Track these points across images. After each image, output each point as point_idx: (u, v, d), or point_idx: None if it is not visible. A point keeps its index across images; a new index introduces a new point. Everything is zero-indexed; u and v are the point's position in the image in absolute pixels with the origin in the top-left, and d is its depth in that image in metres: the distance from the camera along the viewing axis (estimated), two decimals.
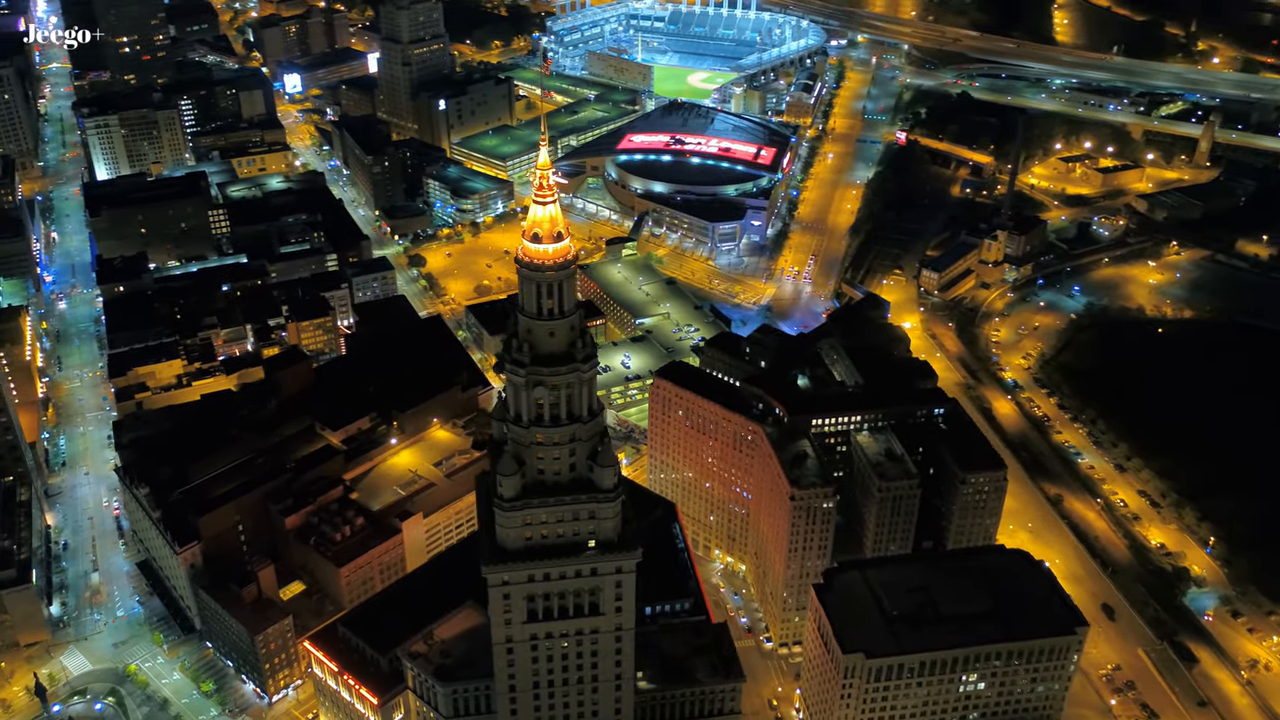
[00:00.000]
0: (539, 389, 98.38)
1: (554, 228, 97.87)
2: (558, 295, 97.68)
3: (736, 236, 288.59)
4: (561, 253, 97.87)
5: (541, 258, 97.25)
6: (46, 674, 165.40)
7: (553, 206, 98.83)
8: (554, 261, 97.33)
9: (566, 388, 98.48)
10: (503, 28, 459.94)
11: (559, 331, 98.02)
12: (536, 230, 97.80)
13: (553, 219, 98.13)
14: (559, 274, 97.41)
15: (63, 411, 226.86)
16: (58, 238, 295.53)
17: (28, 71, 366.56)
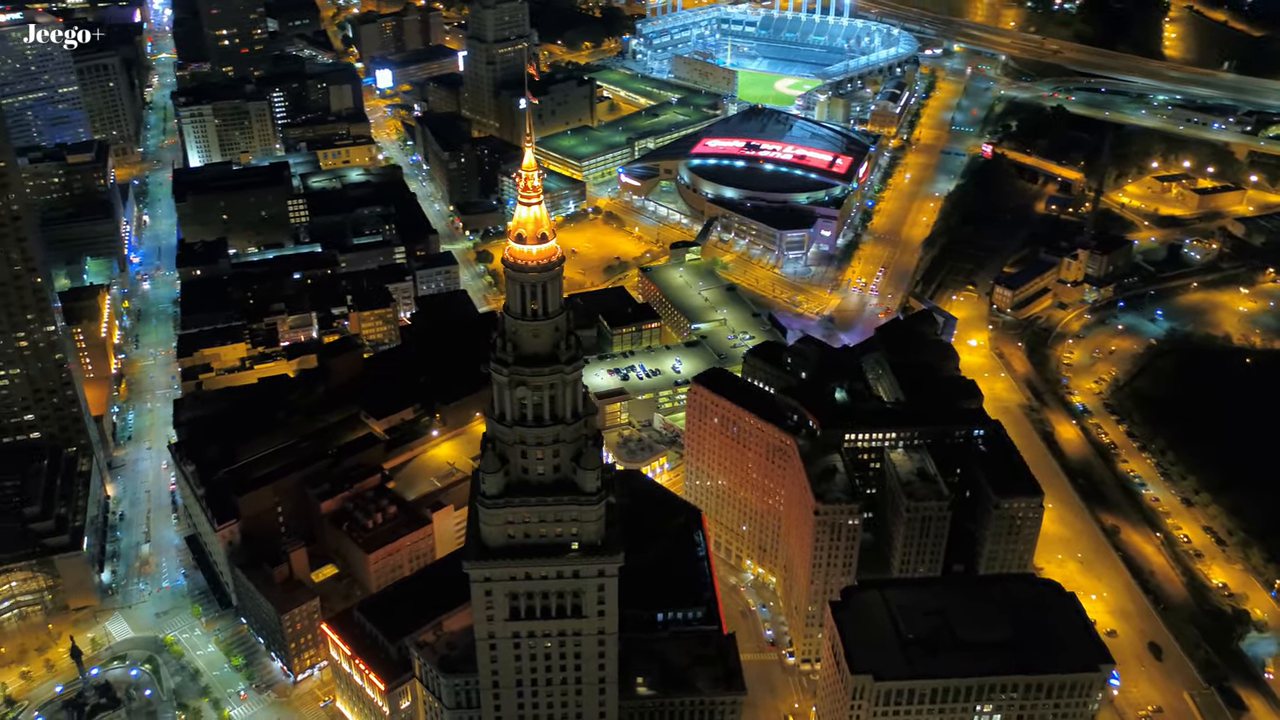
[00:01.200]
0: (521, 389, 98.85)
1: (538, 229, 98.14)
2: (542, 296, 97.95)
3: (805, 245, 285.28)
4: (545, 254, 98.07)
5: (525, 258, 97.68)
6: (90, 638, 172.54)
7: (537, 208, 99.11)
8: (537, 263, 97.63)
9: (550, 389, 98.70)
10: (594, 29, 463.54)
11: (543, 332, 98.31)
12: (520, 231, 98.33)
13: (537, 220, 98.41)
14: (542, 275, 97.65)
15: (134, 387, 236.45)
16: (149, 221, 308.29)
17: (136, 61, 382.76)
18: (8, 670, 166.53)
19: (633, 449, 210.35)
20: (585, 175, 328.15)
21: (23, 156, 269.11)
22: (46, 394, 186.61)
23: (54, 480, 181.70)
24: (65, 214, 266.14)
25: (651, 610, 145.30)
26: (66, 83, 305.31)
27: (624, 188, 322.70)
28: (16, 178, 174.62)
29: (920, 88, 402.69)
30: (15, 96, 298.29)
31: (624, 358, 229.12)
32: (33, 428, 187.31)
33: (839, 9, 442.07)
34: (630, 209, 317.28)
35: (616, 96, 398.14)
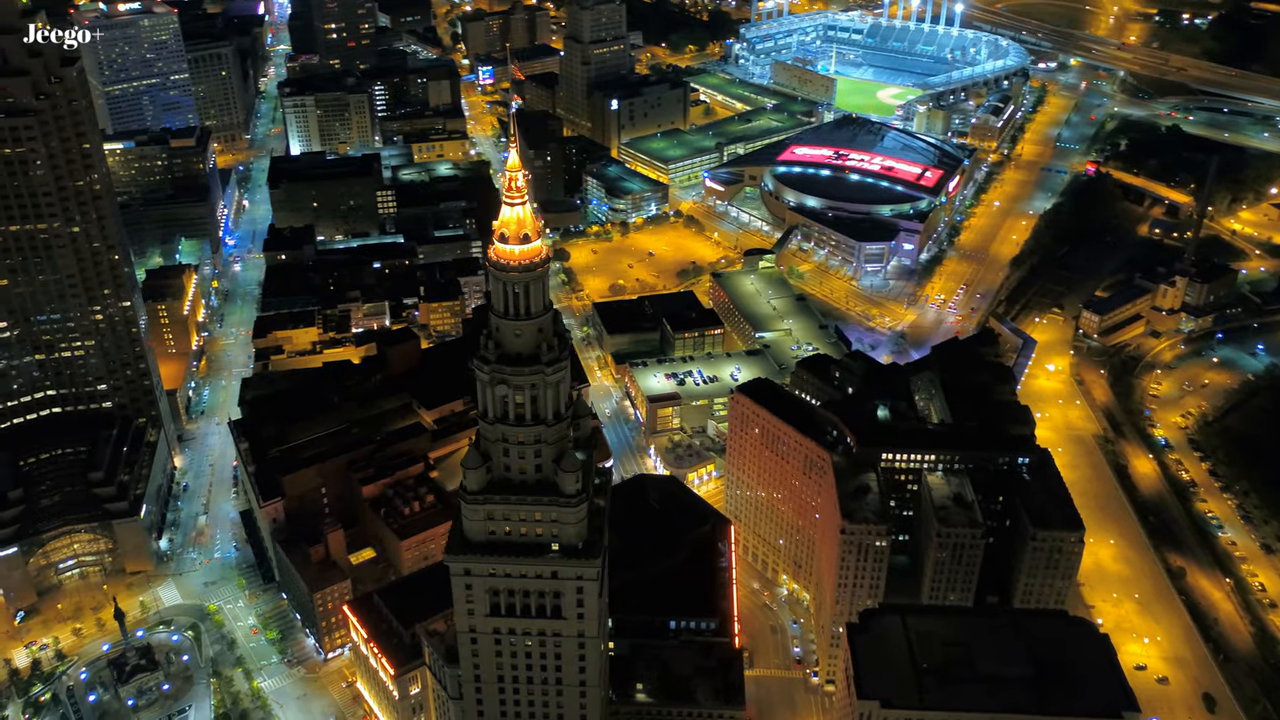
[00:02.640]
0: (501, 387, 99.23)
1: (520, 229, 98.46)
2: (524, 296, 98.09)
3: (884, 258, 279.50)
4: (528, 255, 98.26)
5: (507, 258, 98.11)
6: (140, 601, 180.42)
7: (521, 208, 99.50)
8: (519, 263, 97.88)
9: (531, 389, 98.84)
10: (699, 33, 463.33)
11: (525, 332, 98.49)
12: (503, 230, 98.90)
13: (520, 220, 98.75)
14: (524, 275, 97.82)
15: (214, 364, 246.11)
16: (248, 205, 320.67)
17: (253, 51, 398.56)
18: (63, 626, 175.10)
19: (680, 454, 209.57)
20: (671, 178, 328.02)
21: (131, 140, 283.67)
22: (120, 366, 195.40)
23: (120, 449, 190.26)
24: (165, 195, 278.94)
25: (664, 617, 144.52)
26: (178, 70, 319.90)
27: (708, 192, 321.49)
28: (100, 159, 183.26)
29: (1028, 102, 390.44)
30: (130, 83, 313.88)
31: (683, 362, 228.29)
32: (105, 398, 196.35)
33: (949, 19, 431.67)
34: (712, 214, 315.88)
35: (713, 101, 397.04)
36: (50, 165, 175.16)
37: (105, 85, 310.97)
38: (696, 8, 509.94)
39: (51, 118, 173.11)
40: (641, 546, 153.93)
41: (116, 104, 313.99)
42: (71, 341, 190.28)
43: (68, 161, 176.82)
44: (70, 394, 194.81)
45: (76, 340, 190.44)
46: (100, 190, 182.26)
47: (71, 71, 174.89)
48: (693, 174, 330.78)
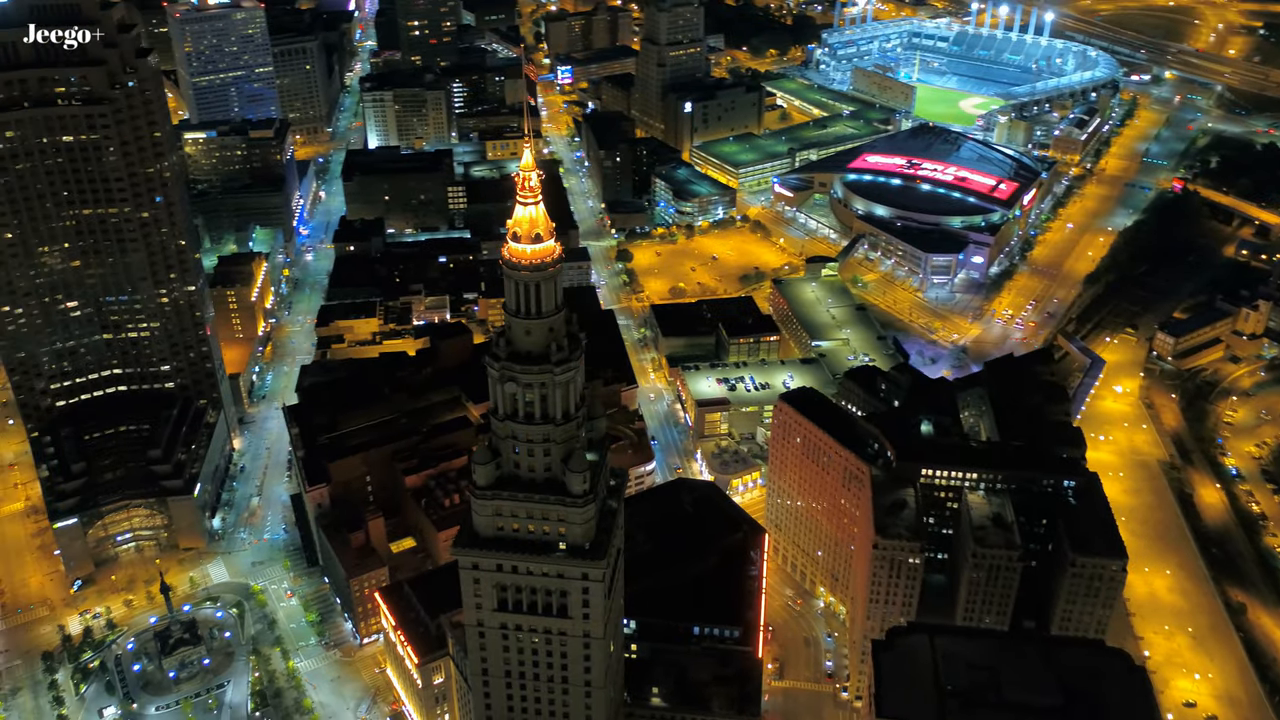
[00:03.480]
0: (510, 384, 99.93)
1: (533, 229, 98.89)
2: (534, 295, 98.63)
3: (951, 270, 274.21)
4: (540, 254, 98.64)
5: (519, 257, 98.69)
6: (190, 577, 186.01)
7: (533, 208, 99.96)
8: (529, 262, 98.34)
9: (540, 387, 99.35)
10: (781, 37, 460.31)
11: (535, 331, 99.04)
12: (516, 229, 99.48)
13: (532, 220, 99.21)
14: (535, 275, 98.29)
15: (279, 350, 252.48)
16: (324, 196, 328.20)
17: (340, 46, 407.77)
18: (116, 597, 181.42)
19: (726, 460, 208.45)
20: (740, 183, 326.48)
21: (213, 129, 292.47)
22: (183, 348, 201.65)
23: (180, 429, 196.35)
24: (242, 184, 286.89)
25: (688, 622, 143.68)
26: (263, 63, 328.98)
27: (777, 198, 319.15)
28: (170, 146, 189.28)
29: (1116, 115, 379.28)
30: (216, 74, 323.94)
31: (736, 368, 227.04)
32: (168, 378, 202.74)
33: (1039, 28, 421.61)
34: (780, 220, 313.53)
35: (790, 106, 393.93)
36: (122, 152, 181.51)
37: (193, 76, 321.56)
38: (781, 12, 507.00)
39: (125, 107, 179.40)
40: (671, 550, 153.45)
41: (203, 94, 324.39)
42: (138, 323, 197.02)
43: (139, 149, 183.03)
44: (135, 373, 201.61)
45: (142, 322, 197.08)
46: (170, 178, 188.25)
47: (146, 63, 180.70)
48: (763, 179, 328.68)
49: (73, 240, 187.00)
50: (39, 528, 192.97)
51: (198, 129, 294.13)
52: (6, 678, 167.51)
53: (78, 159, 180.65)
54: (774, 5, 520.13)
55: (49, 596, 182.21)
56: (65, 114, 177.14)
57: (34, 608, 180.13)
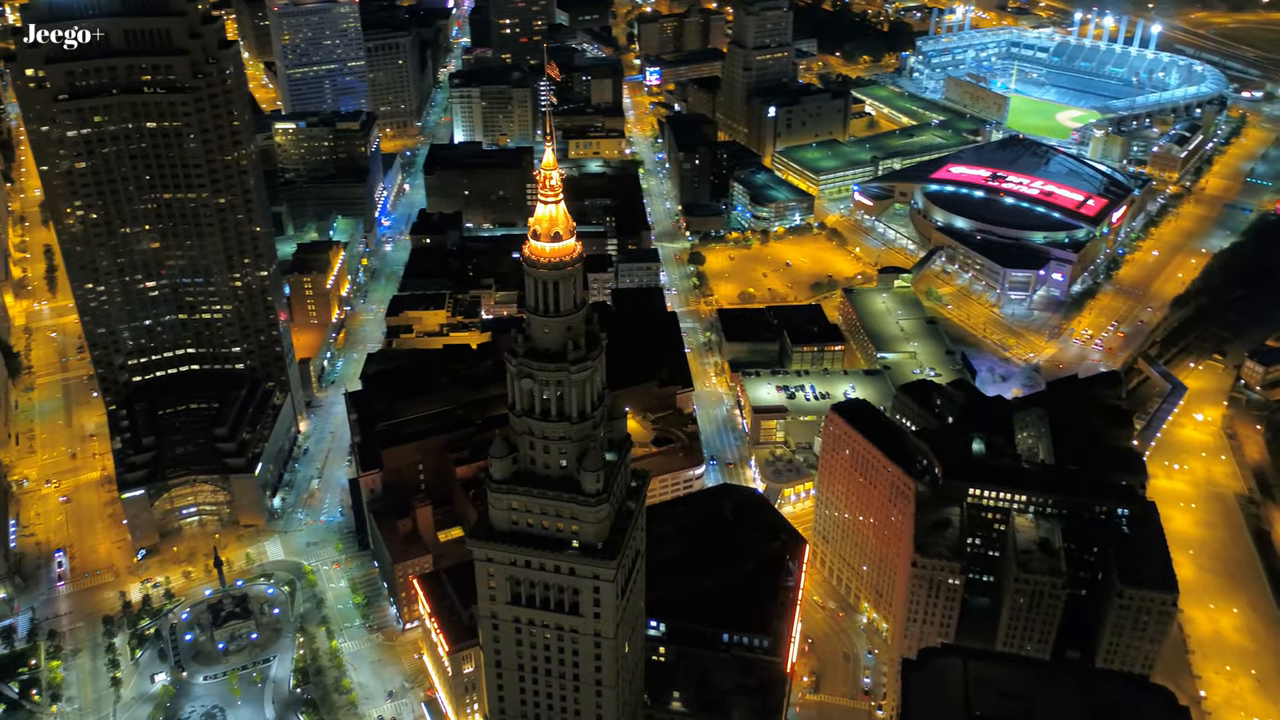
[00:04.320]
0: (527, 380, 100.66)
1: (552, 227, 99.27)
2: (553, 294, 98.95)
3: (1030, 287, 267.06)
4: (559, 253, 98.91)
5: (538, 255, 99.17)
6: (246, 553, 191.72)
7: (554, 207, 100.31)
8: (548, 260, 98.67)
9: (556, 385, 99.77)
10: (875, 43, 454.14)
11: (553, 329, 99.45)
12: (536, 228, 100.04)
13: (552, 218, 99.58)
14: (553, 273, 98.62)
15: (351, 338, 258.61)
16: (408, 189, 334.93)
17: (435, 42, 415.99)
18: (176, 568, 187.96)
19: (780, 468, 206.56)
20: (820, 189, 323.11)
21: (303, 120, 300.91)
22: (254, 332, 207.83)
23: (246, 409, 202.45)
24: (327, 175, 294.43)
25: (717, 629, 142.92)
26: (355, 57, 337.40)
27: (856, 206, 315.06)
28: (248, 135, 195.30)
29: (1222, 133, 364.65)
30: (310, 67, 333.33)
31: (797, 376, 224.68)
32: (238, 360, 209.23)
33: (1144, 40, 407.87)
34: (858, 228, 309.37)
35: (879, 113, 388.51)
36: (202, 140, 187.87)
37: (288, 68, 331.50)
38: (878, 18, 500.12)
39: (206, 95, 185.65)
40: (706, 556, 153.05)
41: (297, 86, 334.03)
42: (212, 305, 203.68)
43: (218, 137, 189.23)
44: (208, 353, 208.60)
45: (216, 304, 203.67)
46: (247, 165, 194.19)
47: (227, 53, 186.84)
48: (843, 187, 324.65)
49: (153, 223, 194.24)
50: (111, 497, 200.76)
51: (288, 119, 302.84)
52: (69, 638, 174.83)
53: (160, 145, 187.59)
54: (871, 11, 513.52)
55: (115, 563, 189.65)
56: (150, 101, 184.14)
57: (100, 573, 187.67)
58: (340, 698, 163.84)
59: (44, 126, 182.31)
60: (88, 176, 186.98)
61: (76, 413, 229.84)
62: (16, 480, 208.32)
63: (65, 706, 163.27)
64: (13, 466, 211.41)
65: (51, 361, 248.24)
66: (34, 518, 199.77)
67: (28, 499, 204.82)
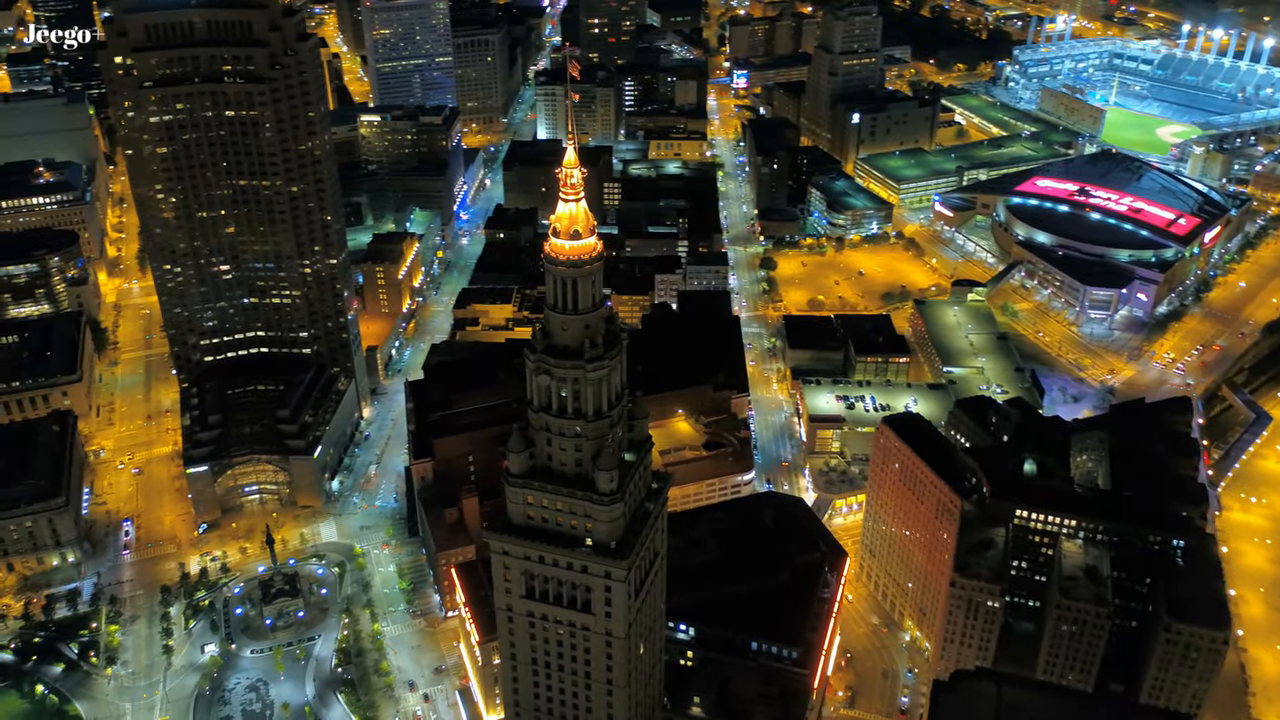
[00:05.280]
0: (543, 377, 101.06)
1: (572, 225, 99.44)
2: (571, 291, 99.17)
3: (1112, 306, 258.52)
4: (578, 251, 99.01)
5: (557, 252, 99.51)
6: (301, 533, 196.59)
7: (574, 205, 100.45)
8: (567, 258, 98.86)
9: (573, 383, 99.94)
10: (971, 51, 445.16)
11: (570, 327, 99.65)
12: (556, 225, 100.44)
13: (572, 216, 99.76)
14: (572, 271, 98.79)
15: (421, 328, 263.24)
16: (489, 184, 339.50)
17: (526, 40, 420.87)
18: (234, 543, 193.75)
19: (832, 479, 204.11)
20: (901, 199, 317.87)
21: (388, 113, 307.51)
22: (321, 318, 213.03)
23: (310, 393, 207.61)
24: (409, 167, 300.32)
25: (747, 636, 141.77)
26: (443, 53, 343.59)
27: (936, 216, 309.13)
28: (323, 126, 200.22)
29: None
30: (400, 61, 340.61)
31: (858, 386, 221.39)
32: (305, 344, 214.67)
33: (1255, 54, 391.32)
34: (937, 239, 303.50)
35: (969, 123, 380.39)
36: (278, 129, 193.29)
37: (378, 62, 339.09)
38: (977, 26, 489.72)
39: (283, 86, 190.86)
40: (740, 562, 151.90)
41: (386, 79, 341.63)
42: (282, 290, 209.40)
43: (294, 127, 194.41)
44: (276, 337, 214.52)
45: (286, 289, 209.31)
46: (321, 156, 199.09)
47: (305, 45, 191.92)
48: (924, 196, 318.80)
49: (229, 208, 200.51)
50: (179, 471, 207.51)
51: (373, 111, 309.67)
52: (129, 605, 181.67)
53: (237, 133, 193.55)
54: (970, 19, 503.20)
55: (178, 535, 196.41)
56: (229, 90, 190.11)
57: (163, 544, 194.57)
58: (378, 680, 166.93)
59: (130, 112, 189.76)
60: (168, 161, 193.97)
61: (155, 389, 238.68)
62: (94, 451, 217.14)
63: (119, 670, 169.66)
64: (91, 437, 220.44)
65: (137, 338, 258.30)
66: (107, 487, 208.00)
67: (103, 469, 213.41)
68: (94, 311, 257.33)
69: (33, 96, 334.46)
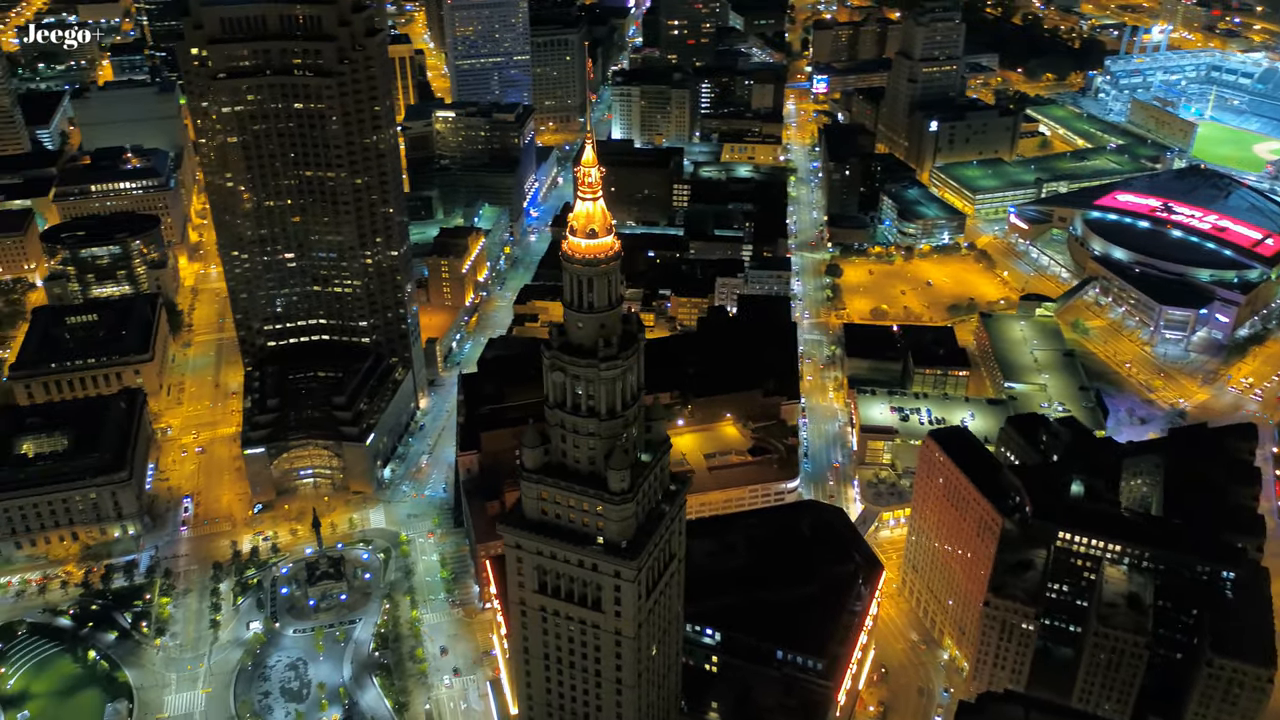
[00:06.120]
0: (558, 374, 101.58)
1: (588, 223, 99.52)
2: (587, 289, 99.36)
3: (1189, 327, 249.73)
4: (594, 249, 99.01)
5: (573, 250, 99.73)
6: (350, 518, 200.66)
7: (592, 204, 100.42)
8: (582, 256, 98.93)
9: (587, 381, 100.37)
10: (1061, 61, 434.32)
11: (586, 325, 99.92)
12: (573, 223, 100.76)
13: (589, 215, 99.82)
14: (587, 269, 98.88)
15: (483, 322, 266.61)
16: (561, 183, 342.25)
17: (608, 41, 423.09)
18: (286, 525, 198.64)
19: (880, 491, 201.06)
20: (976, 209, 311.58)
21: (462, 109, 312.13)
22: (381, 308, 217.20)
23: (366, 381, 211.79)
24: (481, 163, 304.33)
25: (772, 644, 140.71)
26: (521, 51, 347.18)
27: (1011, 228, 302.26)
28: (388, 120, 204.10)
29: None
30: (478, 59, 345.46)
31: (915, 398, 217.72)
32: (365, 334, 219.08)
33: None
34: (1010, 251, 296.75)
35: (1054, 134, 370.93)
36: (344, 122, 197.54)
37: (457, 59, 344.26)
38: (1071, 35, 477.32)
39: (350, 81, 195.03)
40: (771, 570, 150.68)
41: (464, 76, 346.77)
42: (343, 280, 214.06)
43: (359, 121, 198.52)
44: (337, 325, 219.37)
45: (347, 279, 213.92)
46: (385, 149, 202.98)
47: (373, 41, 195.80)
48: (1000, 208, 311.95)
49: (295, 198, 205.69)
50: (239, 452, 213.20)
51: (449, 108, 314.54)
52: (182, 579, 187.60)
53: (304, 125, 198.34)
54: (1064, 27, 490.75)
55: (234, 514, 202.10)
56: (298, 83, 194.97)
57: (219, 522, 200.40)
58: (413, 665, 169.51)
59: (203, 102, 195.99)
60: (238, 151, 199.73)
61: (225, 371, 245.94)
62: (161, 428, 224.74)
63: (168, 641, 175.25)
64: (160, 415, 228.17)
65: (211, 322, 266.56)
66: (170, 464, 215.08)
67: (169, 446, 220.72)
68: (171, 294, 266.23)
69: (132, 85, 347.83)
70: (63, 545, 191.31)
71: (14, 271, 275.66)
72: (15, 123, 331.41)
